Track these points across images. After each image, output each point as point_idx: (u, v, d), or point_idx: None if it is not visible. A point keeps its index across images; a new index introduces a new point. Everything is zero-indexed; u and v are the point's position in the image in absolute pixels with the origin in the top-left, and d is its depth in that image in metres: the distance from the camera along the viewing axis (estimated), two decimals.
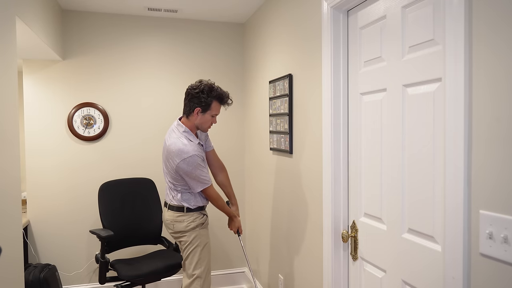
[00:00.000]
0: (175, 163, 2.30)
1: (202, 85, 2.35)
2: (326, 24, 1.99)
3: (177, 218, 2.44)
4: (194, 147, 2.34)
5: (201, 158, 2.37)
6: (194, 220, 2.43)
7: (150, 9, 3.23)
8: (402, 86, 1.54)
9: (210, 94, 2.34)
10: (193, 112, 2.37)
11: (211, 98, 2.35)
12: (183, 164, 2.29)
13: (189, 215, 2.43)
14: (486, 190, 1.14)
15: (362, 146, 1.84)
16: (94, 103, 3.31)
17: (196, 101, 2.35)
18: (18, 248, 2.01)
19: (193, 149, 2.31)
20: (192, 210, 2.44)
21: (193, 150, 2.31)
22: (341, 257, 2.00)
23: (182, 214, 2.44)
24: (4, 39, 1.83)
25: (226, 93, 2.41)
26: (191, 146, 2.32)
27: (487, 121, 1.13)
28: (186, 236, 2.43)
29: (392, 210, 1.63)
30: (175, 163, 2.30)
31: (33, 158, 3.23)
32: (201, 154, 2.39)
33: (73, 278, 3.31)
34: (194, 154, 2.30)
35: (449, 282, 1.26)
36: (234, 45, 3.65)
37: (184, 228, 2.43)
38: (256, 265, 3.44)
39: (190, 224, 2.43)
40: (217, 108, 2.40)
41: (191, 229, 2.43)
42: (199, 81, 2.39)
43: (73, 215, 3.31)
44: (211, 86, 2.36)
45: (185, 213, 2.44)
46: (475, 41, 1.17)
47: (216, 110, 2.39)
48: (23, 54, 3.00)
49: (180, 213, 2.44)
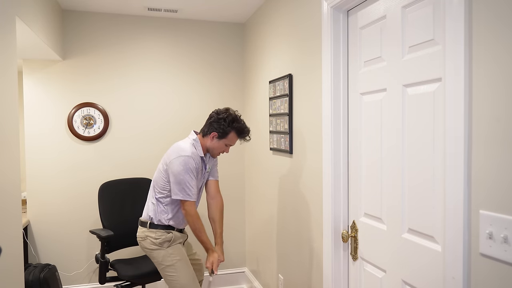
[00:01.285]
0: (170, 159, 2.28)
1: (227, 113, 2.34)
2: (326, 24, 1.99)
3: (141, 235, 2.37)
4: (195, 154, 2.31)
5: (196, 168, 2.29)
6: (157, 237, 2.31)
7: (150, 9, 3.23)
8: (402, 86, 1.54)
9: (232, 124, 2.32)
10: (209, 134, 2.35)
11: (231, 128, 2.33)
12: (176, 161, 2.24)
13: (151, 232, 2.32)
14: (486, 190, 1.14)
15: (362, 146, 1.84)
16: (94, 103, 3.31)
17: (216, 125, 2.33)
18: (18, 248, 2.01)
19: (192, 153, 2.29)
20: (155, 225, 2.33)
21: (193, 154, 2.29)
22: (341, 257, 2.00)
23: (144, 230, 2.34)
24: (4, 39, 1.83)
25: (247, 129, 2.39)
26: (191, 150, 2.30)
27: (487, 121, 1.13)
28: (154, 254, 2.32)
29: (392, 210, 1.63)
30: (170, 159, 2.28)
31: (33, 158, 3.22)
32: (198, 166, 2.32)
33: (73, 278, 3.31)
34: (191, 156, 2.27)
35: (449, 282, 1.26)
36: (234, 45, 3.65)
37: (148, 246, 2.32)
38: (256, 265, 3.44)
39: (155, 241, 2.30)
40: (233, 139, 2.37)
41: (156, 247, 2.31)
42: (227, 108, 2.39)
43: (73, 215, 3.31)
44: (235, 117, 2.35)
45: (148, 228, 2.33)
46: (475, 41, 1.17)
47: (231, 141, 2.37)
48: (23, 54, 3.00)
49: (144, 228, 2.35)
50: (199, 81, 3.57)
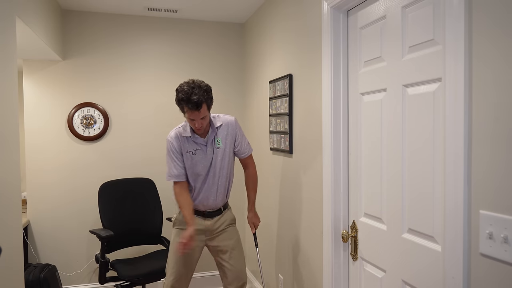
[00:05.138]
0: None
1: (177, 88, 2.20)
2: (326, 24, 1.99)
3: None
4: (176, 137, 2.30)
5: (178, 149, 2.28)
6: (177, 217, 2.41)
7: (150, 9, 3.23)
8: (402, 86, 1.54)
9: (176, 99, 2.18)
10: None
11: (177, 103, 2.19)
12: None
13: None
14: (486, 190, 1.14)
15: (362, 146, 1.84)
16: (94, 103, 3.31)
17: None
18: (18, 248, 2.01)
19: (174, 135, 2.31)
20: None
21: (174, 136, 2.31)
22: (341, 257, 2.00)
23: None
24: (4, 39, 1.83)
25: (185, 97, 2.11)
26: (174, 133, 2.32)
27: (487, 121, 1.13)
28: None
29: (392, 210, 1.63)
30: None
31: (33, 158, 3.23)
32: (186, 146, 2.28)
33: (73, 278, 3.31)
34: (169, 140, 2.31)
35: (449, 282, 1.26)
36: (234, 45, 3.65)
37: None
38: (256, 265, 3.44)
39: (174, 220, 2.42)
40: (187, 113, 2.17)
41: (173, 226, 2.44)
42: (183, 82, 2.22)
43: (73, 215, 3.31)
44: (176, 90, 2.18)
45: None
46: (475, 41, 1.17)
47: (187, 114, 2.17)
48: (23, 54, 3.00)
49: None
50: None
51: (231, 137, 2.36)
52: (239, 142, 2.40)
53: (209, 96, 2.19)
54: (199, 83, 2.17)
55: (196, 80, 2.20)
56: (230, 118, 2.39)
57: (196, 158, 2.31)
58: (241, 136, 2.41)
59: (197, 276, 3.58)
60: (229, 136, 2.36)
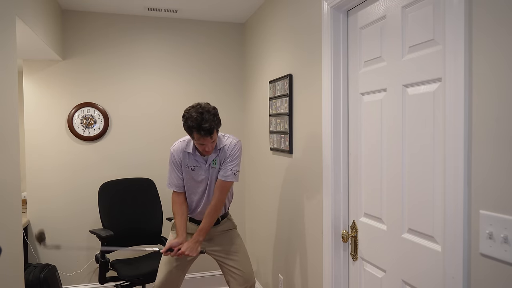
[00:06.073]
0: None
1: (184, 112, 2.15)
2: (326, 24, 1.99)
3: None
4: (182, 150, 2.31)
5: (178, 162, 2.31)
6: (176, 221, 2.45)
7: (150, 9, 3.23)
8: (402, 86, 1.54)
9: (185, 125, 2.14)
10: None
11: (185, 129, 2.15)
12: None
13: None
14: (486, 190, 1.14)
15: (362, 146, 1.84)
16: (94, 103, 3.31)
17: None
18: (18, 248, 2.01)
19: (177, 148, 2.33)
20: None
21: (177, 149, 2.33)
22: (341, 257, 2.00)
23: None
24: (4, 39, 1.83)
25: (195, 124, 2.07)
26: (177, 145, 2.34)
27: (487, 121, 1.13)
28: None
29: (392, 210, 1.63)
30: None
31: (33, 158, 3.23)
32: (186, 160, 2.30)
33: (73, 278, 3.31)
34: (172, 152, 2.34)
35: (449, 282, 1.26)
36: (234, 45, 3.65)
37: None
38: (256, 265, 3.44)
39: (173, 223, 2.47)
40: (194, 137, 2.14)
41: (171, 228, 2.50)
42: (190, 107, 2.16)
43: (73, 215, 3.31)
44: (184, 117, 2.13)
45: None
46: (475, 41, 1.16)
47: (197, 139, 2.14)
48: (23, 54, 3.00)
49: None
50: (199, 81, 3.57)
51: (224, 159, 2.32)
52: (225, 164, 2.29)
53: (218, 120, 2.16)
54: (207, 108, 2.12)
55: (203, 105, 2.15)
56: (233, 141, 2.33)
57: (194, 174, 2.33)
58: (231, 160, 2.29)
59: (197, 276, 3.58)
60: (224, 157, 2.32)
